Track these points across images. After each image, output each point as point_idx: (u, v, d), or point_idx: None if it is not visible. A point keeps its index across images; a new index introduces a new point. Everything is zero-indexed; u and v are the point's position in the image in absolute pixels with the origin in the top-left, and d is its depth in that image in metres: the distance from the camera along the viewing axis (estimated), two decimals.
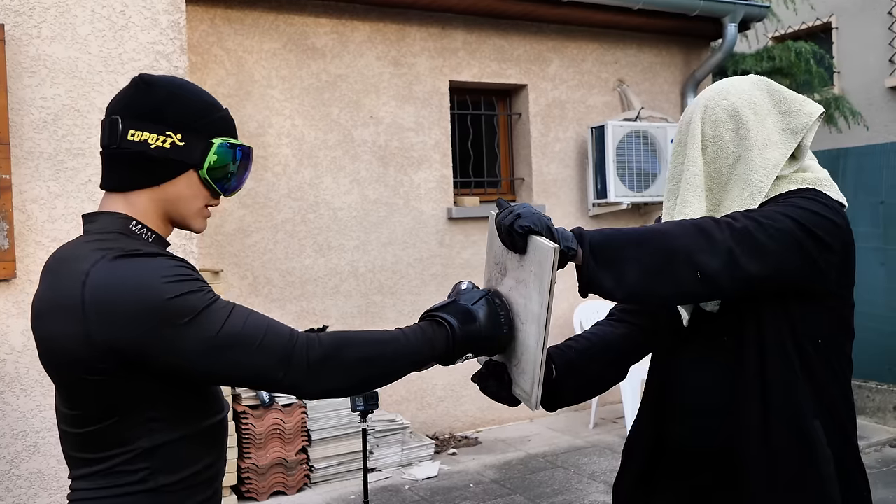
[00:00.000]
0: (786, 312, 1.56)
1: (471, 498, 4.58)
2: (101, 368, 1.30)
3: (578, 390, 1.80)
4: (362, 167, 5.58)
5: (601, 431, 5.83)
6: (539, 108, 6.31)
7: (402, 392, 5.64)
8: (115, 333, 1.28)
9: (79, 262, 1.33)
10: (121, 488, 1.35)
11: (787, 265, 1.50)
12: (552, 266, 1.38)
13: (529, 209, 1.46)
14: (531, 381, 1.49)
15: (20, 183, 3.65)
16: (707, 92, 1.72)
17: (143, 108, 1.42)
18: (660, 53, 6.88)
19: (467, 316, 1.47)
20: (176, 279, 1.31)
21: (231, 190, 1.52)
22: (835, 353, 1.60)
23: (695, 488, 1.67)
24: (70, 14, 3.77)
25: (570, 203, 6.44)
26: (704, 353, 1.66)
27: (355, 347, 1.38)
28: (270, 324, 1.36)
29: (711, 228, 1.47)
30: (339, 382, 1.37)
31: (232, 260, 5.11)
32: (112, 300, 1.28)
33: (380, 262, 5.64)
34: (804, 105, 1.66)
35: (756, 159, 1.60)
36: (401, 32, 5.72)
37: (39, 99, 3.71)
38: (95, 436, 1.35)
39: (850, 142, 9.19)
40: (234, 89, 5.16)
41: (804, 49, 8.35)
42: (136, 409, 1.34)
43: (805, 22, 10.88)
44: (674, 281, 1.45)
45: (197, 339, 1.29)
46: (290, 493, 4.67)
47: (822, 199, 1.58)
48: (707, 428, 1.64)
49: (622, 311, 1.89)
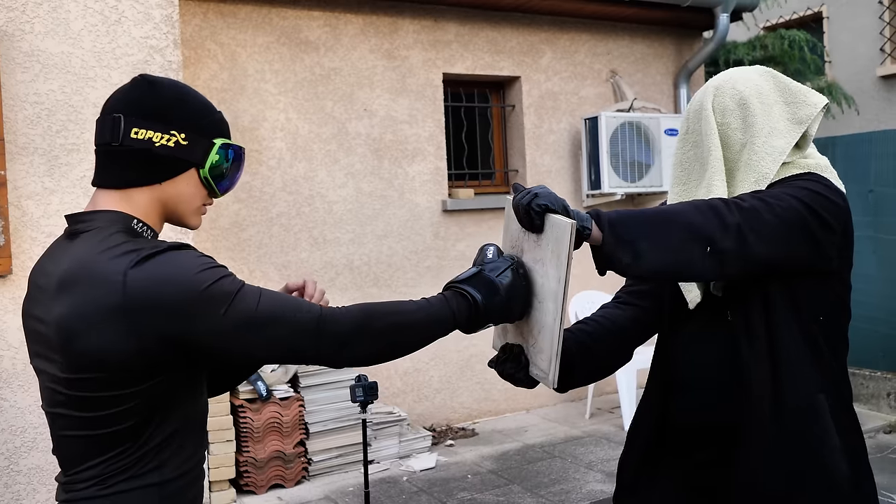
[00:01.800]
0: (790, 290, 1.61)
1: (469, 488, 4.60)
2: (138, 366, 1.33)
3: (589, 371, 1.85)
4: (356, 160, 5.58)
5: (597, 421, 5.86)
6: (532, 99, 6.32)
7: (398, 384, 5.66)
8: (164, 329, 1.32)
9: (106, 267, 1.33)
10: (128, 482, 1.37)
11: (793, 243, 1.54)
12: (569, 241, 1.41)
13: (546, 189, 1.50)
14: (549, 359, 1.52)
15: (15, 179, 3.64)
16: (715, 80, 1.76)
17: (147, 106, 1.44)
18: (652, 44, 6.89)
19: (491, 288, 1.49)
20: (206, 268, 1.35)
21: (225, 189, 1.56)
22: (834, 330, 1.66)
23: (700, 464, 1.71)
24: (63, 9, 3.76)
25: (565, 194, 6.45)
26: (707, 328, 1.70)
27: (382, 317, 1.42)
28: (297, 301, 1.41)
29: (721, 208, 1.51)
30: (367, 351, 1.42)
31: (227, 254, 5.11)
32: (156, 298, 1.31)
33: (375, 254, 5.64)
34: (809, 96, 1.70)
35: (762, 146, 1.65)
36: (393, 25, 5.72)
37: (33, 94, 3.70)
38: (109, 436, 1.37)
39: (841, 130, 9.22)
40: (227, 83, 5.15)
41: (798, 38, 8.37)
42: (157, 407, 1.38)
43: (796, 11, 10.91)
44: (688, 258, 1.49)
45: (236, 322, 1.34)
46: (288, 486, 4.68)
47: (824, 181, 1.64)
48: (708, 402, 1.68)
49: (629, 294, 1.93)
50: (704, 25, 6.95)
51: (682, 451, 1.74)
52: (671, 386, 1.78)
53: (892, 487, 4.37)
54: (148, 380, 1.35)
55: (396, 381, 5.64)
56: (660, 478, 1.79)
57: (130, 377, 1.34)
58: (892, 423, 5.55)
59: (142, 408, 1.36)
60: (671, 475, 1.76)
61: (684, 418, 1.73)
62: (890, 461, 4.84)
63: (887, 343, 5.81)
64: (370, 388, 3.44)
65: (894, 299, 5.75)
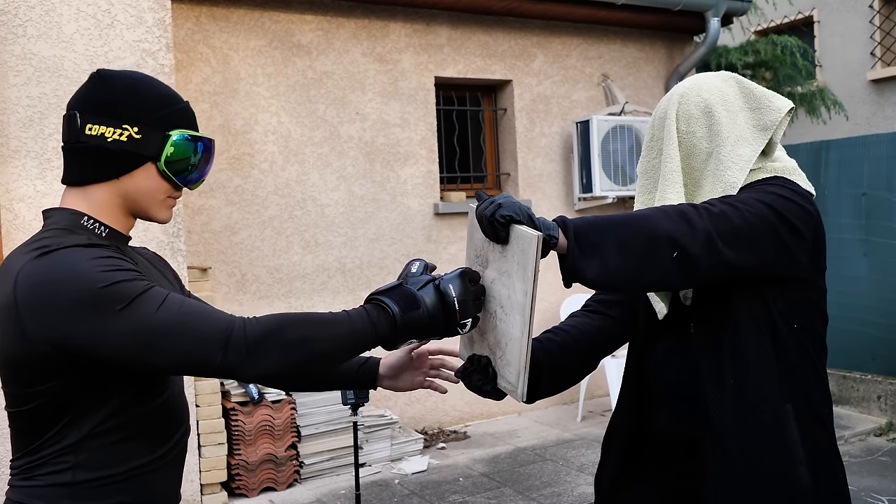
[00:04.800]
0: (760, 297, 1.58)
1: (460, 491, 4.61)
2: (37, 367, 1.31)
3: (556, 382, 1.81)
4: (349, 163, 5.59)
5: (589, 424, 5.88)
6: (524, 103, 6.34)
7: None
8: (50, 330, 1.28)
9: (14, 263, 1.34)
10: (44, 478, 1.37)
11: (763, 249, 1.52)
12: (535, 254, 1.38)
13: (510, 199, 1.46)
14: (517, 373, 1.49)
15: (7, 182, 3.65)
16: (679, 88, 1.73)
17: (99, 102, 1.42)
18: (643, 48, 6.92)
19: (410, 302, 1.42)
20: (107, 269, 1.30)
21: (193, 182, 1.51)
22: (809, 336, 1.63)
23: (679, 476, 1.69)
24: (55, 12, 3.76)
25: (556, 197, 6.48)
26: (678, 340, 1.68)
27: (296, 326, 1.34)
28: (206, 308, 1.34)
29: (691, 213, 1.49)
30: (277, 364, 1.32)
31: (219, 257, 5.11)
32: (43, 297, 1.28)
33: (367, 257, 5.65)
34: (773, 101, 1.68)
35: (728, 155, 1.63)
36: (385, 29, 5.73)
37: (25, 98, 3.70)
38: (26, 431, 1.39)
39: (833, 134, 9.27)
40: (219, 87, 5.16)
41: (789, 43, 8.42)
42: (66, 405, 1.35)
43: (787, 16, 10.97)
44: (656, 265, 1.46)
45: (132, 327, 1.27)
46: (280, 489, 4.68)
47: (791, 185, 1.62)
48: (684, 416, 1.65)
49: (598, 303, 1.90)
50: (696, 29, 6.98)
51: (662, 462, 1.72)
52: (646, 400, 1.75)
53: (881, 490, 4.39)
54: (49, 380, 1.32)
55: None
56: (640, 488, 1.76)
57: (31, 376, 1.32)
58: (882, 425, 5.58)
59: (48, 406, 1.34)
60: (650, 486, 1.74)
61: (662, 431, 1.71)
62: (880, 464, 4.86)
63: (878, 346, 5.84)
64: (361, 390, 3.45)
65: (885, 302, 5.78)
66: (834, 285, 2.36)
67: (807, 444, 1.58)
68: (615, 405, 1.87)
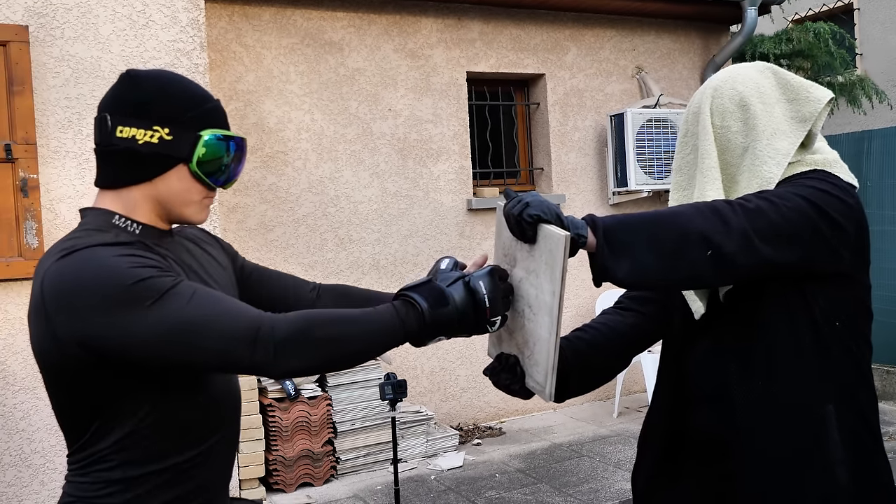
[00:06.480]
0: (801, 294, 1.54)
1: (497, 487, 4.60)
2: (70, 368, 1.31)
3: (585, 380, 1.79)
4: (381, 160, 5.60)
5: (625, 420, 5.83)
6: (557, 97, 6.30)
7: (424, 384, 5.67)
8: (77, 330, 1.27)
9: (42, 265, 1.34)
10: (94, 475, 1.38)
11: (801, 244, 1.48)
12: (563, 254, 1.35)
13: (538, 198, 1.43)
14: (545, 373, 1.47)
15: (47, 182, 3.70)
16: (713, 80, 1.68)
17: (129, 103, 1.41)
18: (678, 39, 6.83)
19: (440, 298, 1.40)
20: (133, 266, 1.28)
21: (226, 182, 1.49)
22: (852, 334, 1.58)
23: (721, 475, 1.65)
24: (92, 14, 3.81)
25: (591, 192, 6.43)
26: (716, 340, 1.63)
27: (325, 325, 1.33)
28: (235, 303, 1.32)
29: (725, 210, 1.45)
30: (305, 361, 1.31)
31: (254, 255, 5.15)
32: (67, 296, 1.27)
33: (401, 254, 5.66)
34: (812, 91, 1.62)
35: (765, 150, 1.58)
36: (417, 24, 5.73)
37: (64, 99, 3.76)
38: (71, 429, 1.39)
39: (875, 124, 9.08)
40: (253, 85, 5.20)
41: (823, 30, 8.25)
42: (105, 405, 1.35)
43: (826, 3, 10.76)
44: (689, 263, 1.42)
45: (161, 322, 1.26)
46: (317, 485, 4.71)
47: (832, 179, 1.56)
48: (722, 416, 1.61)
49: (630, 300, 1.87)
50: (732, 19, 6.87)
51: (703, 460, 1.68)
52: (683, 398, 1.71)
53: None
54: (84, 381, 1.32)
55: (423, 380, 5.65)
56: (681, 486, 1.72)
57: (67, 377, 1.33)
58: None
59: (90, 407, 1.35)
60: (692, 483, 1.70)
61: (700, 431, 1.67)
62: None
63: None
64: (399, 385, 3.45)
65: None
66: (876, 278, 2.28)
67: (848, 444, 1.54)
68: (650, 403, 1.84)
